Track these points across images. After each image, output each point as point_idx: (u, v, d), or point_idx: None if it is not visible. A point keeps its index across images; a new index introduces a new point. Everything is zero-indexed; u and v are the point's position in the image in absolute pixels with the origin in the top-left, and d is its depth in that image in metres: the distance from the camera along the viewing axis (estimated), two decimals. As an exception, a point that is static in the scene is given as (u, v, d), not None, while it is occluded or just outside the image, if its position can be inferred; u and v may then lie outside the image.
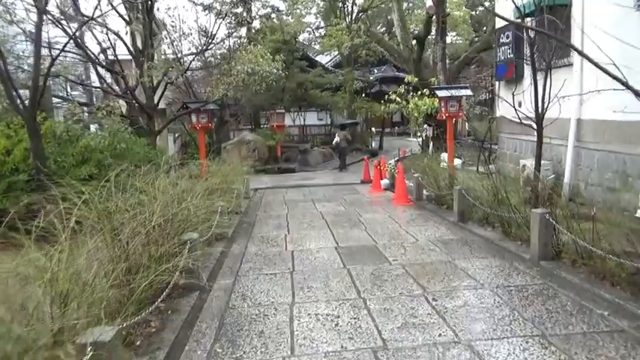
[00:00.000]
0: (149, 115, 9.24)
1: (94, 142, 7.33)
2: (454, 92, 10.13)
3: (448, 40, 16.43)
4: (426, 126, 15.56)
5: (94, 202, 4.00)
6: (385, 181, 12.14)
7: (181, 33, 10.10)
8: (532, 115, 7.42)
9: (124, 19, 8.57)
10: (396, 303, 4.10)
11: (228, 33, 19.96)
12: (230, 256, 6.14)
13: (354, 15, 26.31)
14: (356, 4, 27.23)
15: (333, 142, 17.26)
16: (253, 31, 22.01)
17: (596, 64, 4.55)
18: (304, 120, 26.26)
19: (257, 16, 24.29)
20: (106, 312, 2.97)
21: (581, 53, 4.79)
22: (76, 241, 3.51)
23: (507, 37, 10.77)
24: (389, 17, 33.53)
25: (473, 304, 3.99)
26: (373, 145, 26.85)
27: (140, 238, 3.73)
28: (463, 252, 5.74)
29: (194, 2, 19.90)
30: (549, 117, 7.26)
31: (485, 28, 38.06)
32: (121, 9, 8.71)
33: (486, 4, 40.89)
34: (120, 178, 5.50)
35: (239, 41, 23.22)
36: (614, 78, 4.55)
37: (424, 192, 9.92)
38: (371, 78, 28.05)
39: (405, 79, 13.40)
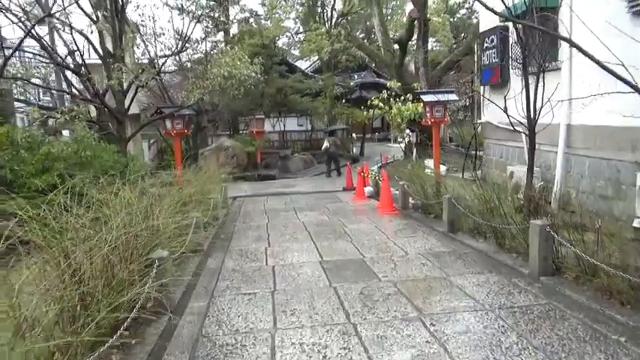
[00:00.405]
0: (119, 121, 8.66)
1: (56, 150, 6.74)
2: (440, 97, 9.82)
3: (428, 46, 16.23)
4: (408, 131, 15.29)
5: (46, 217, 3.48)
6: (369, 189, 11.76)
7: (154, 34, 9.55)
8: (522, 120, 7.15)
9: (90, 18, 8.00)
10: (390, 329, 3.67)
11: (205, 36, 19.43)
12: (205, 272, 5.63)
13: (334, 20, 26.07)
14: (335, 10, 27.01)
15: (322, 148, 17.10)
16: (231, 35, 21.53)
17: (602, 65, 4.23)
18: (284, 126, 25.81)
19: (235, 20, 23.84)
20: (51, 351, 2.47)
21: (581, 50, 4.47)
22: (20, 265, 3.00)
23: (492, 42, 10.56)
24: (367, 23, 33.49)
25: (476, 330, 3.59)
26: (354, 151, 26.57)
27: (97, 261, 3.21)
28: (457, 266, 5.36)
29: (169, 5, 19.39)
30: (539, 123, 7.00)
31: (463, 35, 38.43)
32: (88, 7, 8.14)
33: (464, 9, 41.19)
34: (83, 188, 4.99)
35: (216, 45, 22.73)
36: (620, 78, 4.25)
37: (410, 200, 9.57)
38: (351, 84, 27.78)
39: (388, 85, 13.10)
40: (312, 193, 13.30)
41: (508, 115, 6.85)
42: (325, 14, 27.52)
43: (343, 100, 25.95)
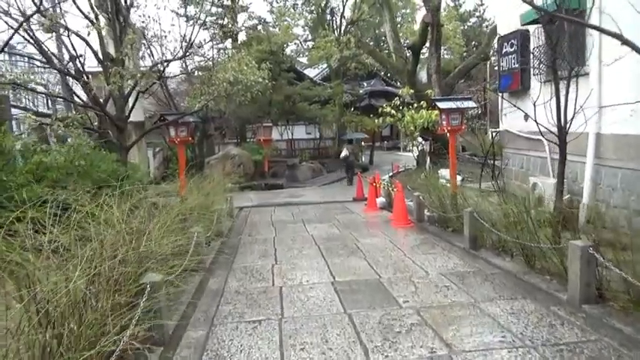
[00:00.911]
0: (119, 128, 8.22)
1: (49, 159, 6.30)
2: (457, 104, 9.30)
3: (440, 53, 15.77)
4: (421, 140, 14.77)
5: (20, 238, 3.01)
6: (381, 200, 11.23)
7: (159, 38, 9.13)
8: (549, 128, 6.61)
9: (87, 18, 7.60)
10: (418, 370, 3.14)
11: (212, 43, 19.12)
12: (206, 294, 5.12)
13: (343, 28, 25.72)
14: (344, 17, 26.68)
15: (341, 156, 17.69)
16: (239, 42, 21.22)
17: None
18: (292, 134, 25.43)
19: (243, 28, 23.56)
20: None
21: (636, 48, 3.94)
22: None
23: (512, 46, 10.04)
24: (377, 31, 33.14)
25: (520, 374, 3.05)
26: (363, 159, 26.10)
27: (71, 293, 2.72)
28: (485, 290, 4.81)
29: (177, 13, 19.06)
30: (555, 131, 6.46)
31: (473, 44, 37.94)
32: (85, 6, 7.73)
33: (474, 17, 40.68)
34: (74, 201, 4.55)
35: (223, 51, 22.43)
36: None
37: (426, 212, 9.03)
38: (360, 92, 27.36)
39: (400, 92, 12.62)
40: (321, 204, 12.80)
41: (537, 123, 6.30)
42: (334, 22, 27.22)
43: (352, 109, 25.55)
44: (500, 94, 10.82)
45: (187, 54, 8.51)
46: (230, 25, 22.07)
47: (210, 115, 16.84)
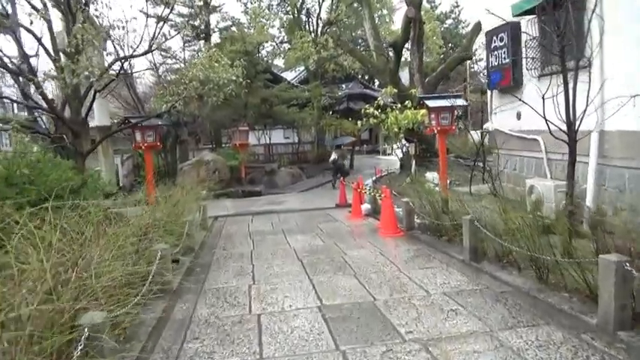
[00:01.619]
0: (74, 132, 7.30)
1: (-18, 168, 5.39)
2: (447, 102, 8.68)
3: (423, 51, 15.23)
4: (405, 142, 14.16)
5: None
6: (366, 206, 10.51)
7: (121, 33, 8.22)
8: (557, 126, 5.99)
9: (32, 6, 6.67)
10: None
11: (183, 44, 18.25)
12: (170, 326, 4.29)
13: (320, 29, 25.07)
14: (321, 19, 26.04)
15: (330, 160, 17.86)
16: (212, 44, 20.31)
17: None
18: (270, 138, 24.60)
19: (216, 29, 22.69)
20: None
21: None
22: None
23: (501, 40, 9.48)
24: (353, 34, 32.61)
25: None
26: (346, 163, 25.42)
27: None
28: (500, 314, 4.11)
29: (146, 14, 18.06)
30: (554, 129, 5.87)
31: (450, 45, 37.79)
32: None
33: (450, 19, 40.64)
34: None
35: (196, 54, 21.51)
36: None
37: (416, 220, 8.35)
38: (339, 94, 26.73)
39: (382, 91, 11.98)
40: (302, 211, 12.02)
41: (547, 121, 5.67)
42: (311, 23, 26.55)
43: (331, 112, 24.89)
44: (490, 92, 10.25)
45: (151, 49, 7.64)
46: (202, 27, 21.24)
47: (182, 119, 15.92)
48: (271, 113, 19.19)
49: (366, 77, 41.74)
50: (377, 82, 44.19)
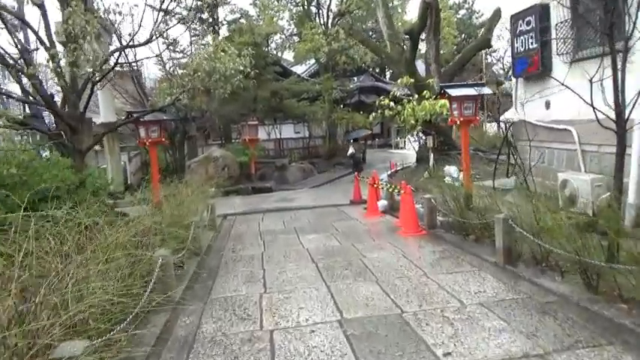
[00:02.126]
0: (72, 128, 6.82)
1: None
2: (470, 91, 8.06)
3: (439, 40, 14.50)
4: (421, 135, 13.54)
5: None
6: (383, 203, 9.94)
7: (124, 19, 7.69)
8: (571, 117, 5.36)
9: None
10: None
11: (190, 37, 17.76)
12: (170, 346, 3.78)
13: (330, 21, 24.42)
14: (331, 11, 25.39)
15: (348, 153, 18.26)
16: (220, 37, 19.76)
17: None
18: (280, 133, 24.07)
19: (225, 22, 22.16)
20: None
21: None
22: None
23: (528, 24, 8.81)
24: (364, 26, 31.87)
25: None
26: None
27: None
28: (552, 331, 3.53)
29: (153, 7, 17.56)
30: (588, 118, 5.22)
31: (463, 36, 36.87)
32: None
33: (464, 9, 39.73)
34: None
35: (204, 47, 21.01)
36: None
37: (438, 217, 7.77)
38: (351, 86, 26.11)
39: (398, 82, 11.37)
40: (314, 208, 11.49)
41: (594, 109, 5.01)
42: (321, 15, 25.89)
43: (342, 105, 24.27)
44: (515, 80, 9.58)
45: (152, 39, 7.11)
46: (210, 20, 20.72)
47: (190, 114, 15.44)
48: (281, 107, 18.63)
49: (377, 70, 41.11)
50: (388, 75, 43.60)
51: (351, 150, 18.28)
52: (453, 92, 8.03)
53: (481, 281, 4.85)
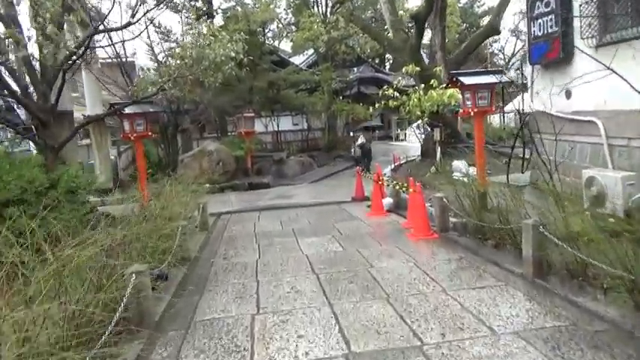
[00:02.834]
0: (42, 122, 6.07)
1: None
2: (486, 78, 7.33)
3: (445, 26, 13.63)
4: (425, 127, 12.80)
5: None
6: (388, 201, 9.23)
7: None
8: (596, 107, 4.65)
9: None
10: None
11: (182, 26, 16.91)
12: (140, 390, 3.08)
13: (329, 10, 23.54)
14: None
15: (358, 142, 17.42)
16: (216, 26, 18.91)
17: None
18: (278, 125, 23.30)
19: (220, 10, 21.31)
20: None
21: None
22: None
23: (547, 5, 8.04)
24: (363, 16, 30.97)
25: None
26: (354, 151, 24.12)
27: None
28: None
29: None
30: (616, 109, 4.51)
31: (465, 26, 35.96)
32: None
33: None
34: None
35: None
36: None
37: (450, 218, 7.06)
38: (350, 77, 25.31)
39: (403, 70, 10.61)
40: (314, 206, 10.77)
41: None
42: (319, 3, 25.01)
43: (341, 97, 23.49)
44: (531, 68, 8.82)
45: (133, 22, 6.34)
46: (204, 8, 19.84)
47: (182, 106, 14.66)
48: (279, 98, 17.85)
49: (377, 60, 40.26)
50: (388, 66, 42.73)
51: (361, 139, 17.67)
52: (467, 80, 7.29)
53: (511, 300, 4.15)
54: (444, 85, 9.83)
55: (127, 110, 8.21)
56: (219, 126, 20.63)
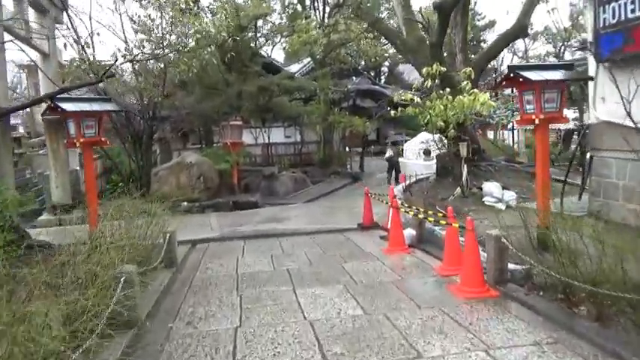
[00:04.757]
0: None
1: None
2: (553, 74, 5.40)
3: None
4: (435, 142, 10.87)
5: None
6: (409, 232, 7.20)
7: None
8: None
9: None
10: None
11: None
12: None
13: (327, 14, 21.75)
14: (328, 3, 22.73)
15: (386, 156, 17.66)
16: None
17: None
18: (269, 137, 21.26)
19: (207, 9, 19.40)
20: None
21: None
22: None
23: (625, -15, 6.19)
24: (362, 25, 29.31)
25: None
26: (351, 167, 22.14)
27: None
28: None
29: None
30: None
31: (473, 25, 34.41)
32: None
33: None
34: None
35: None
36: None
37: (510, 266, 5.05)
38: (349, 87, 23.45)
39: (424, 71, 8.69)
40: (313, 235, 8.70)
41: None
42: (317, 8, 23.23)
43: (338, 108, 21.58)
44: (595, 66, 6.92)
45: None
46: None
47: (159, 111, 12.58)
48: (271, 106, 15.84)
49: (372, 73, 38.65)
50: (383, 79, 41.14)
51: (389, 152, 17.47)
52: (533, 75, 5.34)
53: None
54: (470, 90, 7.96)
55: (70, 107, 6.16)
56: (204, 136, 18.54)
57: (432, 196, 9.76)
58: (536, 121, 5.41)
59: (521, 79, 5.44)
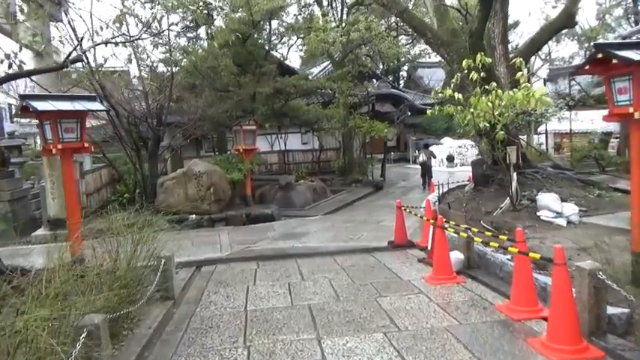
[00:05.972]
0: None
1: None
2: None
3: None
4: (466, 147, 9.53)
5: None
6: (457, 257, 5.90)
7: None
8: None
9: None
10: None
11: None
12: None
13: (345, 15, 20.62)
14: (346, 3, 21.62)
15: (419, 160, 17.58)
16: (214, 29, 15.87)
17: None
18: (285, 144, 20.13)
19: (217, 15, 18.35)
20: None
21: None
22: None
23: None
24: (382, 21, 28.10)
25: None
26: (372, 174, 20.81)
27: None
28: None
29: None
30: None
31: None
32: None
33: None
34: None
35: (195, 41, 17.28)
36: None
37: (610, 310, 3.74)
38: (369, 89, 22.20)
39: (464, 64, 7.42)
40: (337, 255, 7.45)
41: None
42: (334, 7, 22.11)
43: (358, 113, 20.37)
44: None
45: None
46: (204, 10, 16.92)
47: (165, 115, 11.52)
48: (287, 110, 14.67)
49: (391, 78, 37.41)
50: (402, 84, 39.81)
51: (422, 157, 17.22)
52: (631, 54, 4.03)
53: None
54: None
55: (44, 106, 5.05)
56: (217, 142, 17.45)
57: (473, 208, 8.44)
58: (636, 115, 4.09)
59: (614, 60, 4.13)
